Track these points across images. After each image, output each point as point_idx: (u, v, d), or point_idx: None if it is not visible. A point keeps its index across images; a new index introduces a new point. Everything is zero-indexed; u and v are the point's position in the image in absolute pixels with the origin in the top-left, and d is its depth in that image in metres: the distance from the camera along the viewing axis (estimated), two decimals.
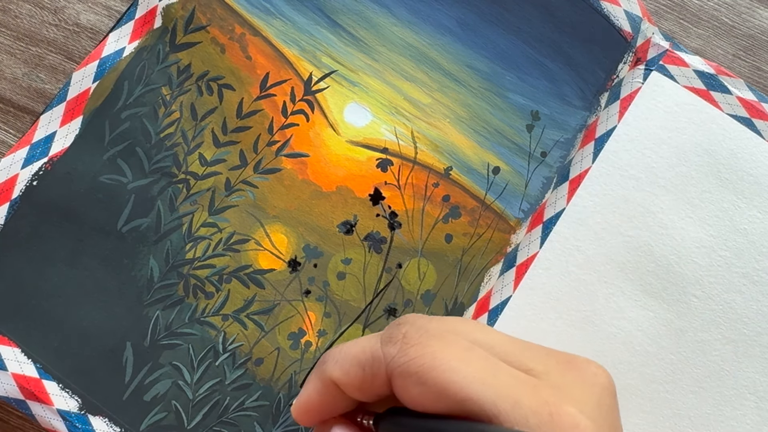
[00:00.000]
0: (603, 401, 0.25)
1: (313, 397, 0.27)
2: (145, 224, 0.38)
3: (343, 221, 0.39)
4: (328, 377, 0.27)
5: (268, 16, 0.41)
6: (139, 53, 0.40)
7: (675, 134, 0.40)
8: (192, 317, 0.38)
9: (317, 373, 0.27)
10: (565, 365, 0.25)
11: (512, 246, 0.40)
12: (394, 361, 0.25)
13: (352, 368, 0.26)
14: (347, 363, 0.26)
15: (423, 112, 0.41)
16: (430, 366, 0.24)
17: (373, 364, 0.25)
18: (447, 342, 0.25)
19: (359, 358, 0.26)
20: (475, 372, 0.24)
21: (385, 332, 0.26)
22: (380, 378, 0.25)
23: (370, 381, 0.26)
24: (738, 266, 0.39)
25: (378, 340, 0.26)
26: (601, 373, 0.26)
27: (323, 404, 0.27)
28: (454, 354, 0.24)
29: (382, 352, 0.25)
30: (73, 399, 0.36)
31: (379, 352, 0.26)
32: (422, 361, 0.24)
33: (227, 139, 0.40)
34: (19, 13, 0.41)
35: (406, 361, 0.24)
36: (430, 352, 0.24)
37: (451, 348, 0.25)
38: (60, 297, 0.37)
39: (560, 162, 0.41)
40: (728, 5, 0.44)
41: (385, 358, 0.25)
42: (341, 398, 0.27)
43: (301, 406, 0.28)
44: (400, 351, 0.25)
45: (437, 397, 0.24)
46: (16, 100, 0.40)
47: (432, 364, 0.24)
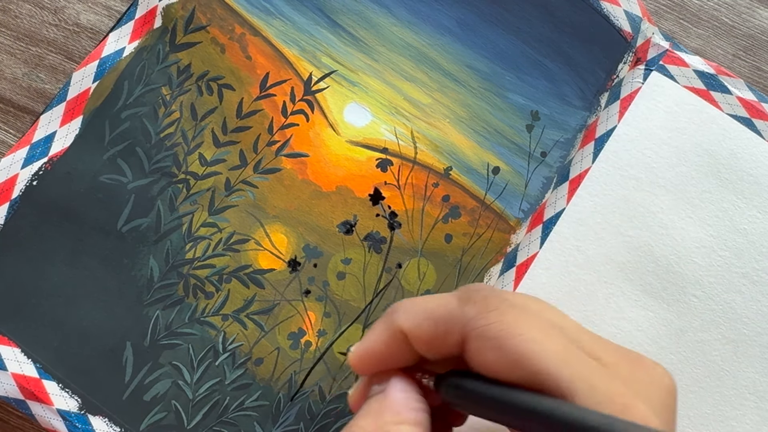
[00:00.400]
0: (668, 402, 0.25)
1: (377, 345, 0.26)
2: (145, 224, 0.38)
3: (343, 221, 0.39)
4: (397, 327, 0.26)
5: (268, 16, 0.41)
6: (139, 53, 0.40)
7: (675, 134, 0.40)
8: (192, 317, 0.38)
9: (386, 322, 0.26)
10: (634, 362, 0.25)
11: (512, 246, 0.40)
12: (473, 321, 0.24)
13: (425, 321, 0.25)
14: (420, 316, 0.25)
15: (423, 112, 0.41)
16: (511, 333, 0.23)
17: (449, 321, 0.25)
18: (528, 314, 0.24)
19: (434, 312, 0.25)
20: (556, 348, 0.23)
21: (463, 292, 0.25)
22: (454, 337, 0.25)
23: (442, 338, 0.25)
24: (738, 266, 0.38)
25: (455, 299, 0.25)
26: (667, 375, 0.26)
27: (386, 354, 0.26)
28: (535, 326, 0.24)
29: (460, 311, 0.25)
30: (73, 399, 0.36)
31: (456, 310, 0.25)
32: (502, 326, 0.24)
33: (227, 139, 0.40)
34: (19, 13, 0.41)
35: (486, 324, 0.24)
36: (511, 319, 0.24)
37: (532, 320, 0.24)
38: (60, 297, 0.37)
39: (560, 162, 0.41)
40: (728, 5, 0.44)
41: (463, 318, 0.24)
42: (406, 351, 0.26)
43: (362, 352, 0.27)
44: (480, 313, 0.24)
45: (513, 365, 0.23)
46: (16, 100, 0.40)
47: (513, 331, 0.23)
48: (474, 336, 0.24)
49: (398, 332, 0.26)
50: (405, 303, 0.26)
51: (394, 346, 0.26)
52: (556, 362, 0.23)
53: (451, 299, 0.25)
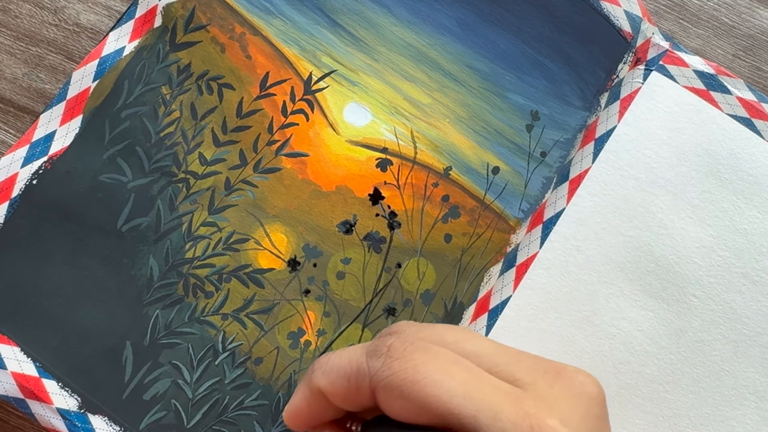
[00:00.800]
0: (591, 412, 0.25)
1: (302, 404, 0.28)
2: (145, 223, 0.38)
3: (343, 221, 0.39)
4: (315, 386, 0.27)
5: (268, 15, 0.41)
6: (139, 52, 0.40)
7: (675, 134, 0.40)
8: (192, 316, 0.38)
9: (306, 382, 0.28)
10: (553, 375, 0.25)
11: (512, 246, 0.40)
12: (377, 374, 0.25)
13: (338, 379, 0.26)
14: (333, 374, 0.26)
15: (423, 112, 0.41)
16: (413, 380, 0.24)
17: (358, 376, 0.26)
18: (432, 354, 0.25)
19: (345, 369, 0.26)
20: (458, 385, 0.24)
21: (372, 344, 0.26)
22: (364, 390, 0.26)
23: (355, 392, 0.26)
24: (738, 266, 0.38)
25: (364, 352, 0.26)
26: (589, 382, 0.26)
27: (311, 412, 0.28)
28: (438, 367, 0.24)
29: (366, 365, 0.26)
30: (73, 398, 0.36)
31: (363, 364, 0.26)
32: (405, 375, 0.24)
33: (227, 139, 0.40)
34: (19, 13, 0.41)
35: (389, 375, 0.25)
36: (412, 365, 0.24)
37: (436, 361, 0.25)
38: (60, 296, 0.37)
39: (560, 162, 0.41)
40: (728, 5, 0.44)
41: (369, 372, 0.25)
42: (329, 406, 0.27)
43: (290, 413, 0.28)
44: (384, 364, 0.25)
45: (419, 410, 0.24)
46: (16, 100, 0.40)
47: (414, 378, 0.24)
48: (380, 388, 0.25)
49: (316, 391, 0.27)
50: (321, 361, 0.28)
51: (316, 404, 0.27)
52: (457, 400, 0.23)
53: (361, 352, 0.26)
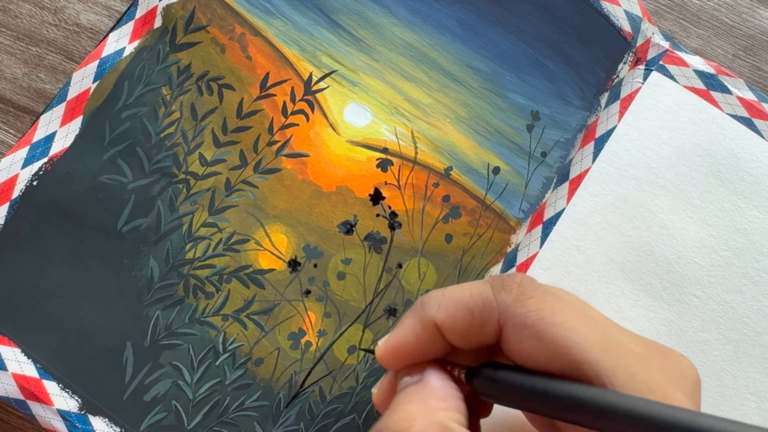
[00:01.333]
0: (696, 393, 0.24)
1: (408, 338, 0.26)
2: (145, 224, 0.38)
3: (343, 221, 0.39)
4: (430, 319, 0.25)
5: (268, 16, 0.41)
6: (139, 53, 0.40)
7: (675, 134, 0.40)
8: (192, 317, 0.38)
9: (416, 315, 0.26)
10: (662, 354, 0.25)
11: (512, 246, 0.40)
12: (510, 309, 0.24)
13: (459, 312, 0.25)
14: (453, 307, 0.25)
15: (423, 112, 0.41)
16: (550, 322, 0.23)
17: (484, 309, 0.24)
18: (565, 302, 0.24)
19: (468, 302, 0.25)
20: (597, 337, 0.23)
21: (496, 280, 0.25)
22: (490, 325, 0.24)
23: (478, 327, 0.24)
24: (738, 266, 0.38)
25: (488, 287, 0.25)
26: (693, 367, 0.25)
27: (418, 347, 0.26)
28: (573, 316, 0.23)
29: (495, 299, 0.24)
30: (73, 399, 0.36)
31: (491, 298, 0.24)
32: (542, 315, 0.23)
33: (227, 139, 0.40)
34: (19, 13, 0.41)
35: (524, 312, 0.23)
36: (549, 307, 0.23)
37: (569, 310, 0.24)
38: (60, 297, 0.37)
39: (560, 162, 0.41)
40: (728, 5, 0.44)
41: (500, 306, 0.24)
42: (438, 343, 0.25)
43: (392, 346, 0.26)
44: (517, 300, 0.24)
45: (553, 354, 0.23)
46: (16, 100, 0.40)
47: (551, 320, 0.23)
48: (512, 324, 0.24)
49: (431, 324, 0.25)
50: (435, 294, 0.26)
51: (426, 339, 0.25)
52: (596, 351, 0.22)
53: (485, 287, 0.25)
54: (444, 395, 0.24)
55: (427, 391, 0.25)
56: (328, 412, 0.37)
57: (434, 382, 0.25)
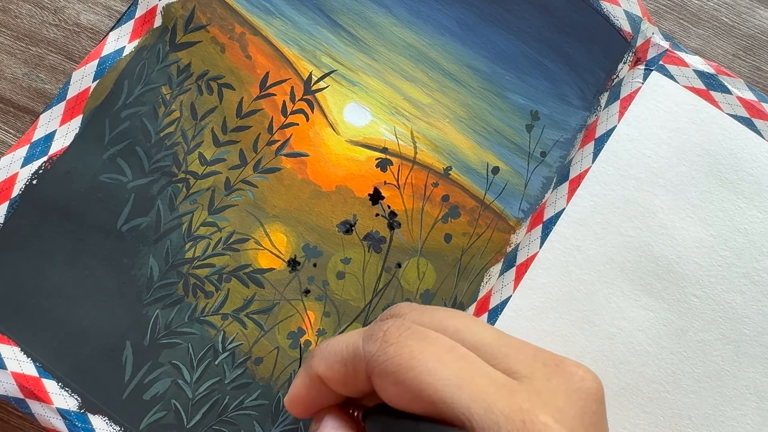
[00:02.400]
0: (587, 408, 0.25)
1: (301, 390, 0.28)
2: (145, 223, 0.38)
3: (343, 221, 0.39)
4: (314, 372, 0.27)
5: (268, 15, 0.41)
6: (139, 52, 0.40)
7: (675, 134, 0.40)
8: (192, 316, 0.38)
9: (305, 368, 0.28)
10: (552, 368, 0.25)
11: (512, 246, 0.40)
12: (373, 359, 0.25)
13: (335, 364, 0.26)
14: (331, 359, 0.26)
15: (423, 111, 0.41)
16: (408, 366, 0.24)
17: (354, 360, 0.26)
18: (428, 341, 0.25)
19: (342, 354, 0.26)
20: (452, 374, 0.23)
21: (369, 329, 0.26)
22: (361, 375, 0.25)
23: (353, 377, 0.26)
24: (738, 266, 0.38)
25: (360, 338, 0.26)
26: (588, 377, 0.25)
27: (311, 397, 0.28)
28: (433, 354, 0.24)
29: (363, 349, 0.25)
30: (73, 398, 0.36)
31: (360, 349, 0.26)
32: (399, 361, 0.24)
33: (227, 139, 0.40)
34: (19, 13, 0.41)
35: (384, 360, 0.24)
36: (408, 352, 0.24)
37: (432, 348, 0.24)
38: (60, 296, 0.37)
39: (560, 162, 0.41)
40: (728, 5, 0.44)
41: (365, 356, 0.25)
42: (328, 392, 0.27)
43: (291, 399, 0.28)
44: (380, 350, 0.25)
45: (412, 397, 0.24)
46: (16, 100, 0.40)
47: (409, 364, 0.24)
48: (376, 373, 0.25)
49: (315, 377, 0.27)
50: (320, 347, 0.28)
51: (315, 390, 0.27)
52: (451, 390, 0.23)
53: (357, 337, 0.26)
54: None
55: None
56: None
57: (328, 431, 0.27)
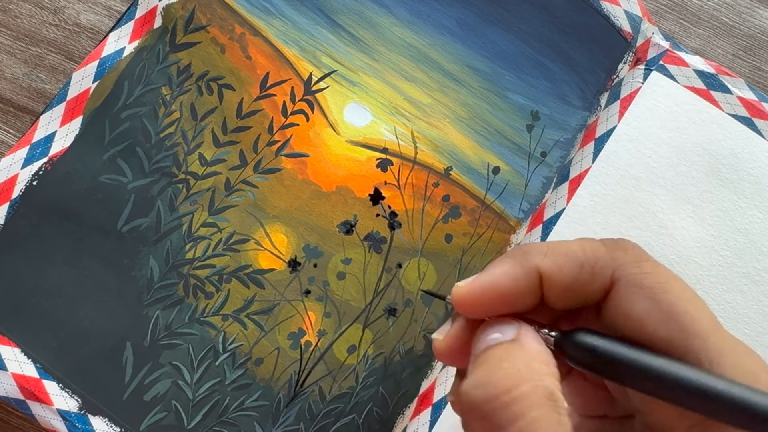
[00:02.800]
0: None
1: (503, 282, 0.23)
2: (145, 224, 0.38)
3: (343, 221, 0.39)
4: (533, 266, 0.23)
5: (268, 16, 0.41)
6: (139, 53, 0.40)
7: (675, 134, 0.40)
8: (192, 317, 0.38)
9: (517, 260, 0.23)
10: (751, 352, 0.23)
11: (512, 246, 0.40)
12: (625, 267, 0.22)
13: (568, 264, 0.23)
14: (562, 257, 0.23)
15: (423, 112, 0.41)
16: (666, 288, 0.22)
17: (596, 264, 0.23)
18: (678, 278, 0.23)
19: (579, 255, 0.23)
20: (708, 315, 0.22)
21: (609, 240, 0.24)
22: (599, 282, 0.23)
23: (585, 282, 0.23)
24: (739, 266, 0.38)
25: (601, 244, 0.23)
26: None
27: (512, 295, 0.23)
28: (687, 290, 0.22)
29: (609, 255, 0.23)
30: (73, 399, 0.36)
31: (605, 254, 0.23)
32: (659, 279, 0.22)
33: (227, 139, 0.40)
34: (19, 13, 0.41)
35: (641, 272, 0.22)
36: (665, 274, 0.22)
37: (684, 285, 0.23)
38: (60, 297, 0.37)
39: (560, 162, 0.41)
40: (728, 5, 0.44)
41: (615, 263, 0.23)
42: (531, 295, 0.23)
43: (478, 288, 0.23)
44: (634, 261, 0.23)
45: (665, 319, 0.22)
46: (16, 100, 0.40)
47: (669, 287, 0.22)
48: (625, 282, 0.22)
49: (534, 271, 0.23)
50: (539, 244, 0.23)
51: (524, 287, 0.23)
52: (708, 328, 0.21)
53: (597, 244, 0.23)
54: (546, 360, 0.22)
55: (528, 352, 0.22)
56: (328, 412, 0.37)
57: (533, 344, 0.22)
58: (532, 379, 0.21)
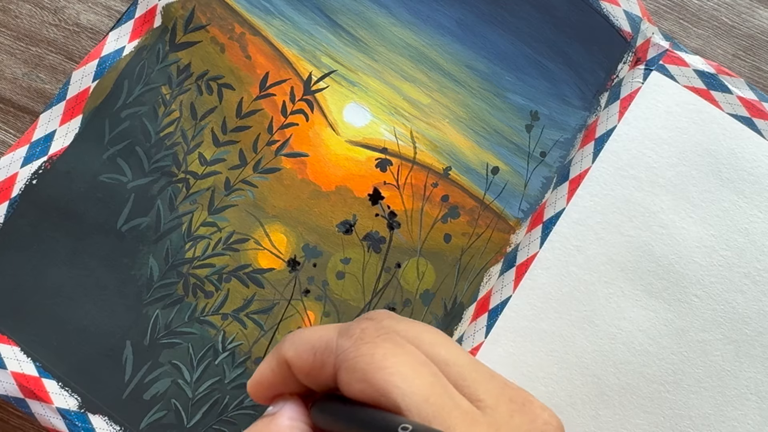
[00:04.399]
0: None
1: (266, 373, 0.27)
2: (145, 223, 0.38)
3: (343, 221, 0.39)
4: (282, 356, 0.27)
5: (268, 15, 0.41)
6: (138, 52, 0.40)
7: (675, 134, 0.40)
8: (191, 316, 0.38)
9: (274, 352, 0.28)
10: (518, 406, 0.25)
11: (512, 246, 0.40)
12: (344, 353, 0.25)
13: (305, 353, 0.26)
14: (302, 346, 0.26)
15: (422, 112, 0.41)
16: (379, 366, 0.24)
17: (325, 352, 0.25)
18: (404, 349, 0.25)
19: (313, 343, 0.26)
20: (422, 386, 0.23)
21: (345, 325, 0.26)
22: (328, 368, 0.25)
23: (319, 368, 0.26)
24: (739, 266, 0.38)
25: (336, 331, 0.26)
26: (553, 423, 0.25)
27: (274, 382, 0.27)
28: (407, 362, 0.24)
29: (336, 342, 0.25)
30: (73, 397, 0.36)
31: (333, 341, 0.25)
32: (372, 359, 0.24)
33: (227, 139, 0.40)
34: (19, 13, 0.41)
35: (356, 356, 0.24)
36: (381, 352, 0.24)
37: (406, 356, 0.24)
38: (60, 296, 0.37)
39: (560, 162, 0.41)
40: (728, 5, 0.44)
41: (337, 350, 0.25)
42: (292, 380, 0.27)
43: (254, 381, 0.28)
44: (353, 345, 0.25)
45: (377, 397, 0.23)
46: (16, 100, 0.40)
47: (381, 364, 0.24)
48: (344, 367, 0.25)
49: (282, 361, 0.27)
50: (293, 334, 0.27)
51: (280, 375, 0.27)
52: (417, 400, 0.23)
53: (332, 331, 0.26)
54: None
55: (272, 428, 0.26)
56: None
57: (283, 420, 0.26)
58: None
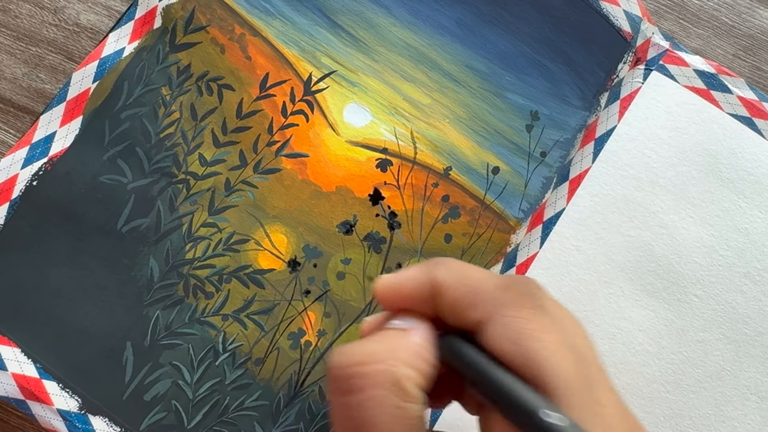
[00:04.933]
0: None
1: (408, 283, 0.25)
2: (145, 224, 0.38)
3: (343, 221, 0.39)
4: (434, 276, 0.25)
5: (268, 16, 0.41)
6: (138, 53, 0.40)
7: (675, 134, 0.40)
8: (192, 317, 0.38)
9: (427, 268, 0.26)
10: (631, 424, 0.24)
11: (512, 246, 0.40)
12: (504, 308, 0.24)
13: (462, 285, 0.25)
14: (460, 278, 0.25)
15: (422, 112, 0.41)
16: (536, 336, 0.23)
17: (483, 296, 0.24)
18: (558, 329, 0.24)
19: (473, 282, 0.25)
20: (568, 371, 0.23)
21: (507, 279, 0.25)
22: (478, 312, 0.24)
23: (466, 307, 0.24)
24: (739, 266, 0.38)
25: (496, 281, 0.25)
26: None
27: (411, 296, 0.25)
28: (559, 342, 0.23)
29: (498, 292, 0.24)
30: (73, 399, 0.36)
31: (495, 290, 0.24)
32: (532, 326, 0.23)
33: (227, 140, 0.40)
34: (19, 13, 0.41)
35: (515, 316, 0.23)
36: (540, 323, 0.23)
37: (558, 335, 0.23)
38: (60, 297, 0.37)
39: (560, 162, 0.41)
40: (728, 5, 0.44)
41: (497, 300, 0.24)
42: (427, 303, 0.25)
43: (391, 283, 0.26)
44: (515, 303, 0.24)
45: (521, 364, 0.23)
46: (16, 100, 0.40)
47: (538, 335, 0.23)
48: (498, 321, 0.23)
49: (433, 281, 0.25)
50: (450, 261, 0.26)
51: (422, 293, 0.25)
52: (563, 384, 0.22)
53: (493, 279, 0.25)
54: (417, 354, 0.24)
55: (402, 342, 0.24)
56: (328, 412, 0.37)
57: (415, 338, 0.24)
58: (385, 362, 0.23)
